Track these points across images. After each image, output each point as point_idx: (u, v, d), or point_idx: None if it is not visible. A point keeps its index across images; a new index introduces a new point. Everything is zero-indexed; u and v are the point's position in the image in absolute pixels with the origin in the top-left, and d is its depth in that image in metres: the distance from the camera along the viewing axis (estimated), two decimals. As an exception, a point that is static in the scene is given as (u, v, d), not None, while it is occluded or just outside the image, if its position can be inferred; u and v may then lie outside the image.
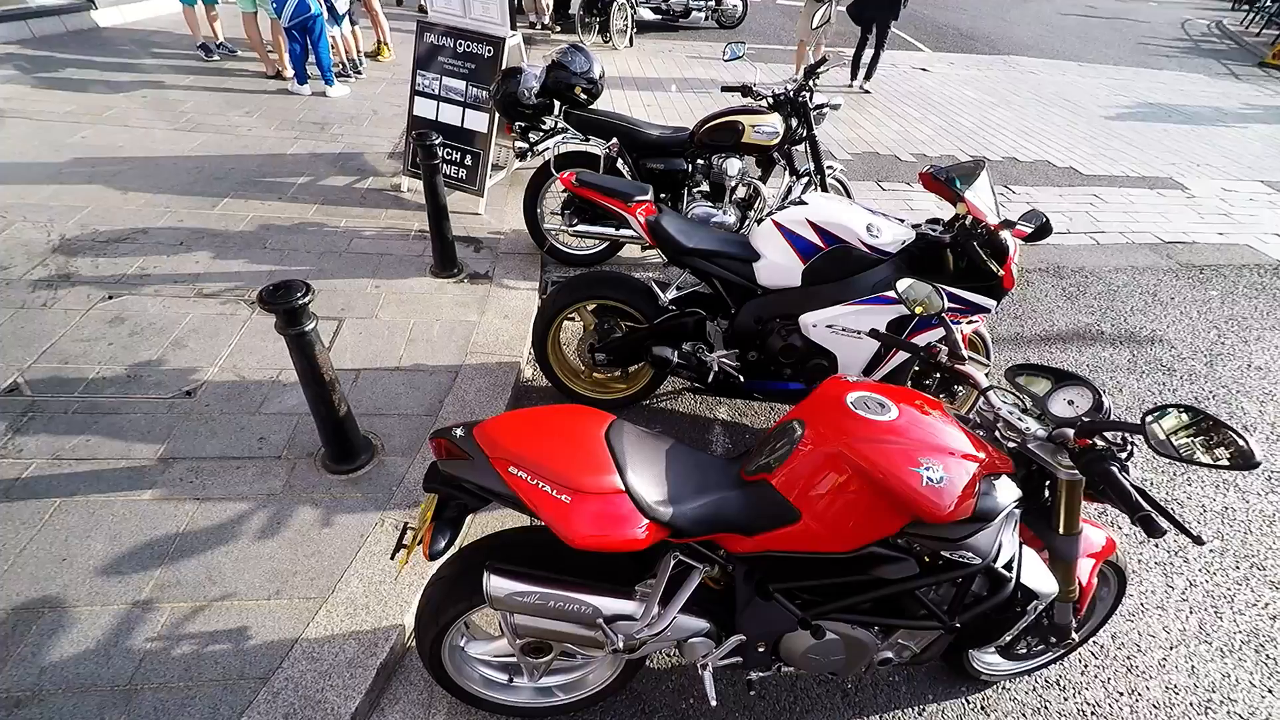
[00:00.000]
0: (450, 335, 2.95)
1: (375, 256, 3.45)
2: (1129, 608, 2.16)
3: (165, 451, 2.23)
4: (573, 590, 1.29)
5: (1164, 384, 3.24)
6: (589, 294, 2.42)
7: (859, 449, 1.24)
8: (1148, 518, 1.04)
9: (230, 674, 1.66)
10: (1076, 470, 1.23)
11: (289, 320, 1.79)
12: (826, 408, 1.35)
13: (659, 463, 1.32)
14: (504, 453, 1.21)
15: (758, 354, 2.38)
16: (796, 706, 1.84)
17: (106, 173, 3.95)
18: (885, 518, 1.25)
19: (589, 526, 1.16)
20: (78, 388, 2.43)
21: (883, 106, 6.86)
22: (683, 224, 2.31)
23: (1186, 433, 1.08)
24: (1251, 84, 9.63)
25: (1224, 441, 1.04)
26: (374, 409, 2.52)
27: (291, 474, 2.21)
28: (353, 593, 1.87)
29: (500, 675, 1.68)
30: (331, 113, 5.23)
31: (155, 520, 2.00)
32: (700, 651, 1.46)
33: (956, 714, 1.86)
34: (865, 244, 2.15)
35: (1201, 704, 1.92)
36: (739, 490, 1.34)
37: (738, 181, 3.36)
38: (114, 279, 3.04)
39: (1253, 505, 2.59)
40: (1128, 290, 4.02)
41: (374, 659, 1.73)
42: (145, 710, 1.57)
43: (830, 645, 1.44)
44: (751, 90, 3.44)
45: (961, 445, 1.27)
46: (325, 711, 1.61)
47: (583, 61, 3.18)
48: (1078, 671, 1.98)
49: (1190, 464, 1.06)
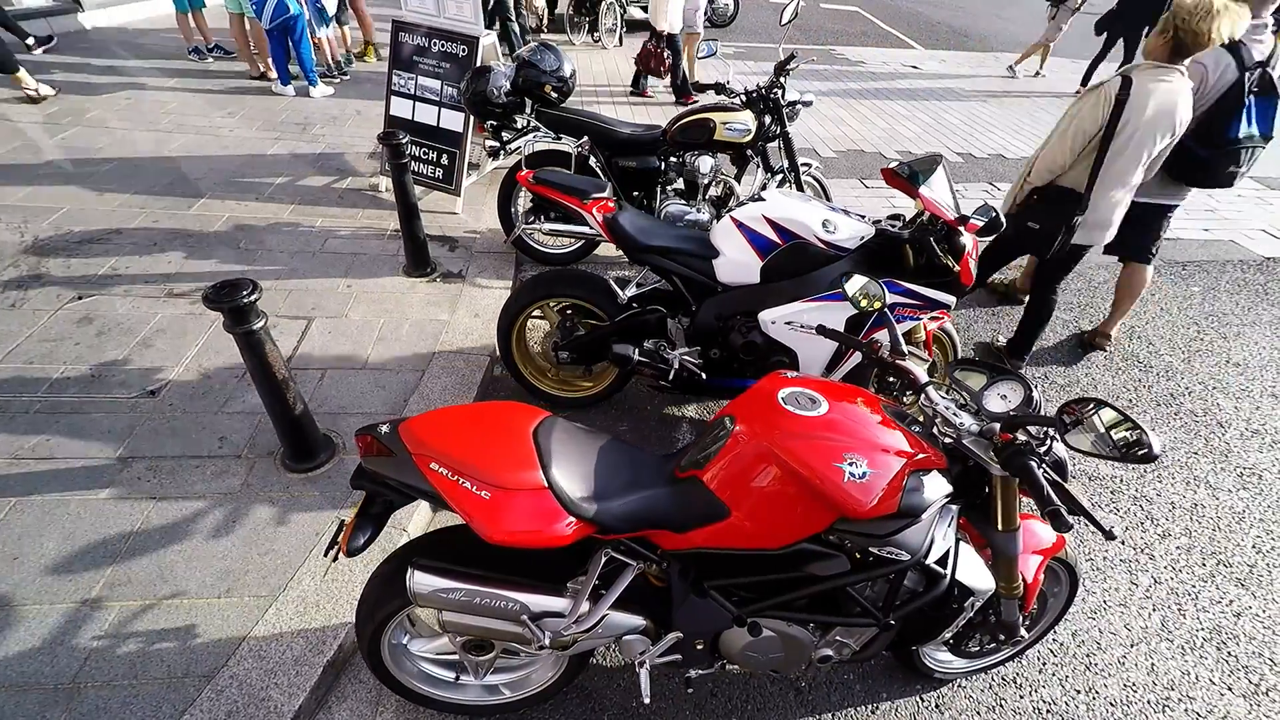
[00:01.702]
0: (420, 334, 2.94)
1: (349, 256, 3.45)
2: (1090, 605, 2.15)
3: (125, 451, 2.23)
4: (499, 587, 1.28)
5: (1140, 380, 3.22)
6: (549, 292, 2.42)
7: (784, 444, 1.23)
8: (1056, 511, 1.03)
9: (175, 672, 1.66)
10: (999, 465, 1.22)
11: (236, 319, 1.79)
12: (758, 403, 1.34)
13: (589, 459, 1.31)
14: (426, 449, 1.21)
15: (720, 351, 2.37)
16: (749, 705, 1.83)
17: (84, 174, 3.96)
18: (813, 514, 1.24)
19: (508, 523, 1.16)
20: (41, 388, 2.44)
21: (870, 104, 6.84)
22: (641, 221, 2.30)
23: (1103, 427, 1.07)
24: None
25: (1135, 437, 1.03)
26: (338, 408, 2.51)
27: (250, 473, 2.21)
28: (304, 591, 1.87)
29: (446, 673, 1.67)
30: (314, 113, 5.24)
31: (110, 519, 2.01)
32: (637, 649, 1.45)
33: (910, 712, 1.84)
34: (822, 240, 2.14)
35: (1159, 702, 1.90)
36: (670, 487, 1.33)
37: (710, 179, 3.35)
38: (85, 279, 3.05)
39: (1223, 502, 2.57)
40: (1108, 287, 3.99)
41: (321, 656, 1.72)
42: (87, 709, 1.57)
43: (767, 642, 1.44)
44: (725, 88, 3.43)
45: (891, 441, 1.26)
46: (268, 709, 1.60)
47: (553, 60, 3.17)
48: (1035, 669, 1.97)
49: (1101, 459, 1.05)
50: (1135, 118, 2.36)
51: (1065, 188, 2.60)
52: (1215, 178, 2.76)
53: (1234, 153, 2.67)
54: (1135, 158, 2.45)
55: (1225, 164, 2.70)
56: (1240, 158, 2.69)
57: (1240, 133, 2.63)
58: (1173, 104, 2.36)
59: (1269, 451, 2.82)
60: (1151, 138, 2.40)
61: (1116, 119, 2.38)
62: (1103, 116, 2.40)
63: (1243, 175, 2.76)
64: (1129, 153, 2.43)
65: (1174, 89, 2.36)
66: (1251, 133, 2.64)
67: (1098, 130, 2.42)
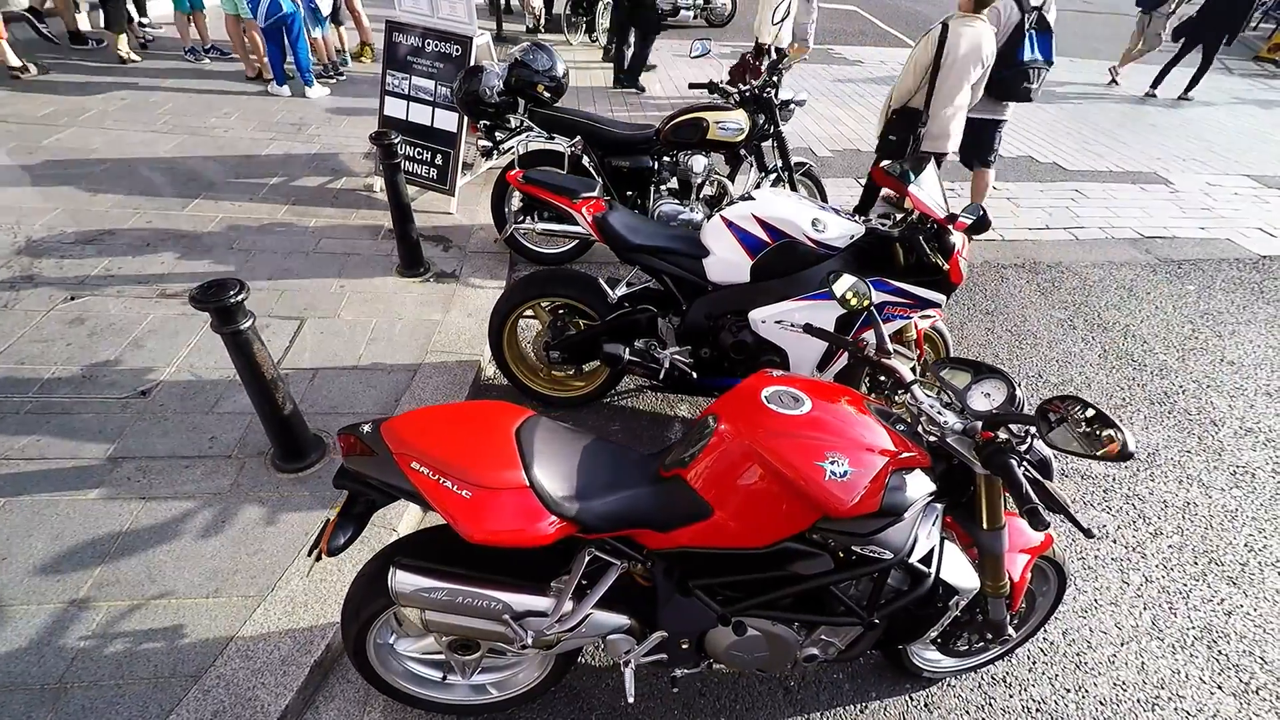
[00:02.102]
0: (412, 334, 2.94)
1: (342, 256, 3.45)
2: (1081, 604, 2.15)
3: (115, 451, 2.23)
4: (481, 586, 1.28)
5: (1134, 379, 3.22)
6: (540, 292, 2.42)
7: (766, 443, 1.23)
8: (1034, 510, 1.03)
9: (162, 672, 1.66)
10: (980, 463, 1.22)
11: (223, 318, 1.78)
12: (741, 402, 1.34)
13: (571, 458, 1.31)
14: (408, 448, 1.21)
15: (710, 350, 2.37)
16: (738, 704, 1.82)
17: (78, 174, 3.96)
18: (796, 513, 1.24)
19: (489, 522, 1.16)
20: (32, 388, 2.44)
21: (867, 103, 6.83)
22: (631, 220, 2.30)
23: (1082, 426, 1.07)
24: (1244, 78, 9.58)
25: (1112, 435, 1.03)
26: (329, 408, 2.51)
27: (240, 473, 2.21)
28: (292, 591, 1.87)
29: (433, 673, 1.67)
30: (310, 114, 5.24)
31: (99, 519, 2.00)
32: (622, 648, 1.45)
33: (899, 711, 1.84)
34: (811, 239, 2.14)
35: (1149, 700, 1.90)
36: (653, 486, 1.33)
37: (704, 179, 3.35)
38: (77, 280, 3.05)
39: (1215, 500, 2.57)
40: (1103, 285, 4.00)
41: (308, 657, 1.72)
42: (74, 709, 1.57)
43: (752, 642, 1.43)
44: (718, 87, 3.43)
45: (874, 440, 1.26)
46: (255, 709, 1.60)
47: (545, 59, 3.17)
48: (1025, 668, 1.96)
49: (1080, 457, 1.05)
50: (953, 53, 3.30)
51: (913, 108, 3.54)
52: (1016, 92, 3.72)
53: (1025, 73, 3.64)
54: (957, 84, 3.38)
55: (1020, 81, 3.67)
56: (1030, 77, 3.66)
57: (1026, 57, 3.60)
58: (979, 43, 3.30)
59: (1262, 450, 2.82)
60: (966, 68, 3.33)
61: (940, 55, 3.31)
62: (931, 53, 3.34)
63: (1036, 91, 3.74)
64: (952, 79, 3.36)
65: (978, 31, 3.31)
66: (1035, 58, 3.61)
67: (929, 63, 3.36)
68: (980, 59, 3.32)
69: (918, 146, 3.55)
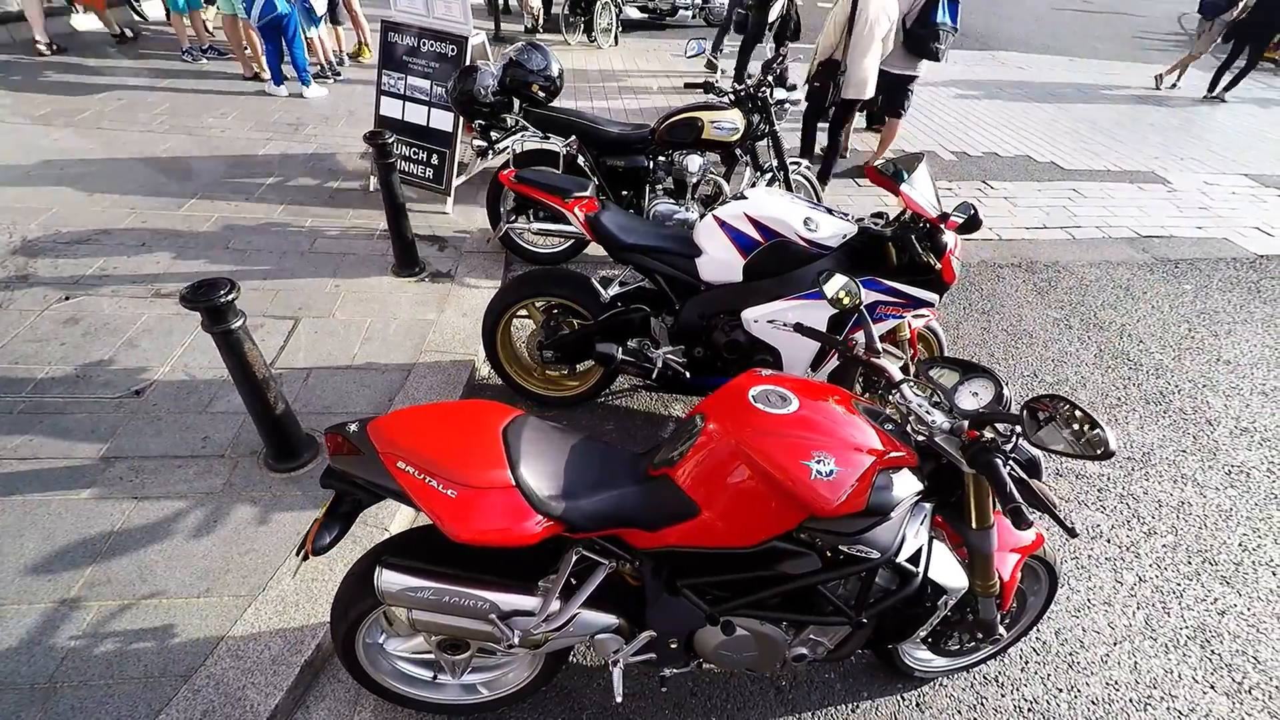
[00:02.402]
0: (407, 334, 2.94)
1: (338, 256, 3.45)
2: (1075, 603, 2.14)
3: (108, 451, 2.23)
4: (467, 586, 1.28)
5: (1129, 378, 3.21)
6: (533, 292, 2.42)
7: (753, 442, 1.23)
8: (1017, 509, 1.03)
9: (152, 672, 1.66)
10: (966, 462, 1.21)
11: (213, 318, 1.79)
12: (728, 401, 1.34)
13: (559, 458, 1.31)
14: (394, 448, 1.21)
15: (703, 350, 2.37)
16: (729, 704, 1.82)
17: (74, 175, 3.96)
18: (782, 512, 1.24)
19: (474, 521, 1.15)
20: (25, 388, 2.44)
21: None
22: (624, 219, 2.30)
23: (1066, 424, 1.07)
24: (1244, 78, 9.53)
25: (1094, 434, 1.03)
26: (323, 407, 2.51)
27: (233, 472, 2.20)
28: (283, 591, 1.87)
29: (424, 673, 1.67)
30: (307, 114, 5.24)
31: (91, 519, 2.00)
32: (610, 648, 1.45)
33: (891, 711, 1.84)
34: (803, 238, 2.13)
35: (1141, 700, 1.90)
36: (641, 486, 1.33)
37: (699, 178, 3.35)
38: (72, 280, 3.05)
39: (1210, 500, 2.56)
40: (1100, 285, 3.99)
41: (299, 656, 1.72)
42: (63, 709, 1.57)
43: (741, 641, 1.43)
44: (714, 86, 3.43)
45: (861, 439, 1.26)
46: (245, 708, 1.60)
47: (540, 59, 3.17)
48: (1017, 668, 1.96)
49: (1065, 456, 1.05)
50: (865, 10, 3.95)
51: (835, 60, 4.16)
52: (925, 49, 4.31)
53: (935, 33, 4.20)
54: (870, 38, 4.03)
55: (929, 40, 4.24)
56: (939, 37, 4.22)
57: (937, 18, 4.16)
58: (886, 1, 3.99)
59: (1258, 450, 2.81)
60: (877, 22, 3.98)
61: (854, 13, 3.96)
62: (848, 9, 3.99)
63: (943, 52, 4.34)
64: (865, 32, 4.01)
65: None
66: (945, 20, 4.18)
67: (846, 20, 4.00)
68: (886, 14, 4.00)
69: (839, 93, 4.23)
